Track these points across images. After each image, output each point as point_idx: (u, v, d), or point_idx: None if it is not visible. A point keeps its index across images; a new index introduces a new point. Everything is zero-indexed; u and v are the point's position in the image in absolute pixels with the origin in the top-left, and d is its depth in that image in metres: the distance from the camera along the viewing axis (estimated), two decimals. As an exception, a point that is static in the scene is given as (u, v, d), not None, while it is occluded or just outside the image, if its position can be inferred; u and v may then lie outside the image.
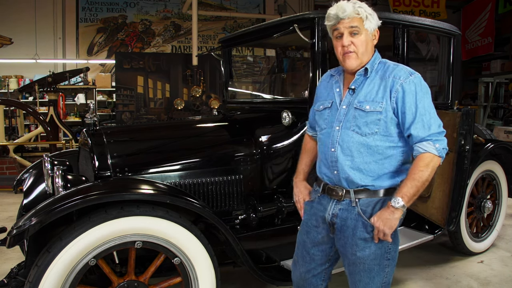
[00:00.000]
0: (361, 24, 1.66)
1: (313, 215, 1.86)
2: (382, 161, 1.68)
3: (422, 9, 10.49)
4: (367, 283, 1.74)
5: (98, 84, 9.62)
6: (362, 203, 1.70)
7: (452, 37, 3.24)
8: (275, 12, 10.72)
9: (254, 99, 3.62)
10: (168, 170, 2.39)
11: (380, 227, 1.63)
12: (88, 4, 9.98)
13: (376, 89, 1.68)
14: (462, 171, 2.38)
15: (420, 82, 1.67)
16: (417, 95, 1.64)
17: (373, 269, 1.72)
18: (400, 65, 1.73)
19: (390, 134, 1.67)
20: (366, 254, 1.71)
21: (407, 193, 1.60)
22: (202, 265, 2.06)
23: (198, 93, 7.72)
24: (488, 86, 9.49)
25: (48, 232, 1.97)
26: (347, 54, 1.68)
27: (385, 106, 1.65)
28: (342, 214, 1.73)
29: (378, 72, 1.72)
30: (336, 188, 1.74)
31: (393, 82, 1.66)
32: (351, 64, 1.69)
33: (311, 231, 1.87)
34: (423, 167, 1.60)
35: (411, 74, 1.67)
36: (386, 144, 1.67)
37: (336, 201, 1.75)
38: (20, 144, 7.10)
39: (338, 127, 1.72)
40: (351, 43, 1.66)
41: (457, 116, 2.34)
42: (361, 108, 1.67)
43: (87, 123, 2.43)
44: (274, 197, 2.57)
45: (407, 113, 1.63)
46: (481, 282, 3.06)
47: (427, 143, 1.62)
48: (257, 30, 2.99)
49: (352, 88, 1.73)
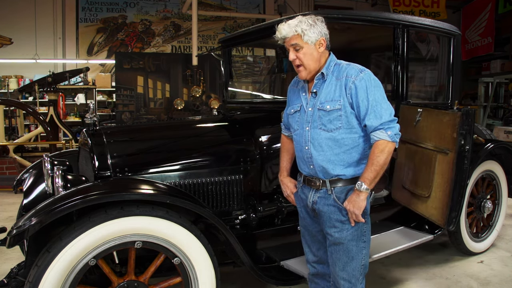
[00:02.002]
0: (299, 40, 1.88)
1: (301, 203, 2.13)
2: (349, 151, 1.91)
3: (422, 9, 10.48)
4: (346, 262, 1.98)
5: (98, 84, 9.61)
6: (336, 190, 1.95)
7: (452, 37, 3.24)
8: (275, 12, 10.72)
9: (254, 99, 3.63)
10: (168, 170, 2.39)
11: (350, 209, 1.89)
12: (88, 4, 9.97)
13: (333, 89, 1.91)
14: (462, 171, 2.38)
15: (370, 77, 1.88)
16: (368, 90, 1.86)
17: (351, 249, 1.96)
18: (352, 64, 1.95)
19: (353, 126, 1.90)
20: (344, 235, 1.95)
21: (368, 177, 1.85)
22: (202, 265, 2.06)
23: (198, 93, 7.72)
24: (488, 86, 9.49)
25: (48, 232, 1.97)
26: (296, 68, 1.94)
27: (343, 103, 1.87)
28: (320, 201, 1.99)
29: (334, 74, 1.94)
30: (313, 179, 1.99)
31: (346, 81, 1.88)
32: (301, 75, 1.95)
33: (305, 218, 2.14)
34: (378, 153, 1.84)
35: (361, 72, 1.89)
36: (350, 136, 1.90)
37: (315, 190, 2.00)
38: (20, 144, 7.09)
39: (308, 127, 1.96)
40: (296, 58, 1.91)
41: (457, 116, 2.34)
42: (323, 109, 1.91)
43: (87, 123, 2.42)
44: (274, 197, 2.57)
45: (361, 107, 1.86)
46: (481, 282, 3.06)
47: (380, 132, 1.85)
48: (257, 30, 2.99)
49: (314, 91, 1.96)
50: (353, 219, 1.92)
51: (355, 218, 1.91)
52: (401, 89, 2.88)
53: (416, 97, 3.53)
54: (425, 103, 3.34)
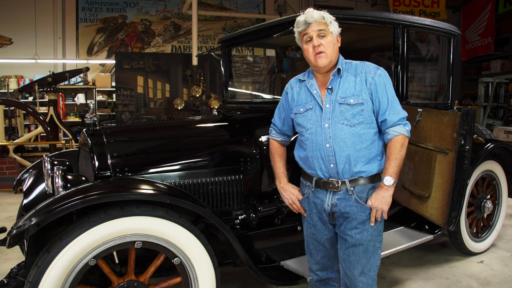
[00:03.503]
0: (327, 28, 1.89)
1: (313, 209, 2.04)
2: (369, 147, 1.91)
3: (422, 9, 10.49)
4: (365, 263, 1.97)
5: (98, 84, 9.62)
6: (357, 190, 1.92)
7: (452, 37, 3.24)
8: (275, 12, 10.73)
9: (254, 99, 3.62)
10: (168, 170, 2.38)
11: (379, 206, 1.88)
12: (88, 4, 9.98)
13: (353, 85, 1.91)
14: (462, 171, 2.38)
15: (386, 75, 1.94)
16: (386, 86, 1.91)
17: (369, 250, 1.96)
18: (366, 62, 1.98)
19: (372, 121, 1.92)
20: (364, 235, 1.94)
21: (394, 171, 1.88)
22: (202, 265, 2.06)
23: (198, 93, 7.72)
24: (488, 86, 9.48)
25: (48, 232, 1.97)
26: (318, 55, 1.88)
27: (365, 97, 1.89)
28: (340, 203, 1.94)
29: (348, 71, 1.95)
30: (331, 180, 1.93)
31: (366, 76, 1.91)
32: (322, 62, 1.89)
33: (317, 224, 2.06)
34: (400, 147, 1.89)
35: (378, 69, 1.94)
36: (370, 131, 1.91)
37: (333, 192, 1.95)
38: (20, 144, 7.10)
39: (328, 124, 1.90)
40: (321, 44, 1.88)
41: (457, 116, 2.34)
42: (346, 103, 1.89)
43: (87, 123, 2.42)
44: (274, 197, 2.57)
45: (381, 102, 1.90)
46: (481, 282, 3.06)
47: (399, 127, 1.91)
48: (257, 30, 2.99)
49: (329, 87, 1.93)
50: (376, 217, 1.91)
51: (379, 216, 1.90)
52: (401, 89, 2.88)
53: (416, 97, 3.53)
54: (425, 103, 3.34)
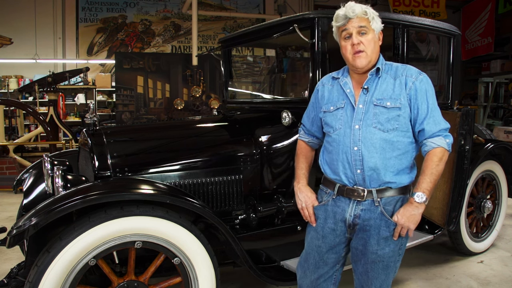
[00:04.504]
0: (368, 24, 1.70)
1: (330, 218, 1.84)
2: (401, 157, 1.73)
3: (422, 9, 10.49)
4: (384, 280, 1.80)
5: (98, 84, 9.62)
6: (384, 202, 1.73)
7: (452, 37, 3.24)
8: (275, 12, 10.72)
9: (254, 99, 3.62)
10: (168, 170, 2.38)
11: (405, 223, 1.69)
12: (88, 4, 9.97)
13: (391, 87, 1.73)
14: (462, 171, 2.38)
15: (428, 81, 1.76)
16: (427, 93, 1.73)
17: (389, 266, 1.79)
18: (409, 65, 1.81)
19: (408, 129, 1.73)
20: (386, 252, 1.76)
21: (427, 187, 1.68)
22: (202, 265, 2.06)
23: (198, 93, 7.72)
24: (488, 86, 9.48)
25: (48, 232, 1.97)
26: (357, 54, 1.71)
27: (403, 103, 1.71)
28: (364, 214, 1.75)
29: (387, 72, 1.77)
30: (356, 188, 1.75)
31: (407, 80, 1.73)
32: (361, 62, 1.72)
33: (328, 236, 1.85)
34: (438, 161, 1.69)
35: (420, 74, 1.76)
36: (405, 140, 1.73)
37: (357, 202, 1.76)
38: (20, 144, 7.09)
39: (358, 125, 1.73)
40: (361, 42, 1.70)
41: (457, 116, 2.34)
42: (382, 105, 1.71)
43: (87, 123, 2.42)
44: (274, 197, 2.57)
45: (420, 109, 1.72)
46: (481, 282, 3.06)
47: (438, 139, 1.71)
48: (257, 30, 2.98)
49: (365, 87, 1.75)
50: (400, 233, 1.72)
51: (404, 233, 1.71)
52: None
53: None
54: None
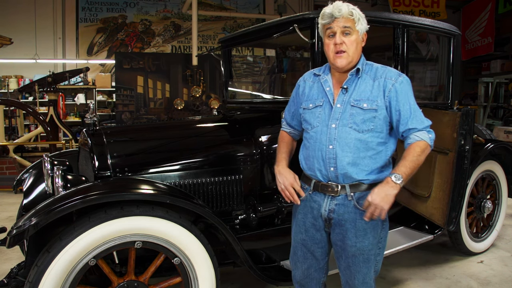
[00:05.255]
0: (353, 25, 1.72)
1: (309, 213, 1.89)
2: (374, 156, 1.77)
3: (422, 9, 10.49)
4: (366, 273, 1.84)
5: (98, 84, 9.61)
6: (357, 196, 1.78)
7: (452, 37, 3.24)
8: (275, 12, 10.72)
9: (254, 99, 3.62)
10: (168, 170, 2.38)
11: (379, 203, 1.64)
12: (88, 4, 9.97)
13: (369, 89, 1.77)
14: (462, 171, 2.38)
15: (408, 82, 1.80)
16: (408, 94, 1.77)
17: (370, 259, 1.82)
18: (388, 67, 1.84)
19: (382, 130, 1.77)
20: (365, 244, 1.79)
21: (406, 172, 1.68)
22: (202, 265, 2.06)
23: (198, 93, 7.73)
24: (488, 86, 9.48)
25: (48, 232, 1.97)
26: (338, 54, 1.74)
27: (380, 104, 1.74)
28: (339, 209, 1.79)
29: (367, 73, 1.81)
30: (330, 184, 1.79)
31: (386, 82, 1.76)
32: (341, 62, 1.75)
33: (309, 229, 1.91)
34: (420, 152, 1.71)
35: (400, 75, 1.79)
36: (378, 140, 1.77)
37: (331, 197, 1.81)
38: (20, 144, 7.09)
39: (335, 124, 1.77)
40: (343, 42, 1.72)
41: (457, 116, 2.34)
42: (359, 106, 1.74)
43: (87, 123, 2.43)
44: (274, 197, 2.57)
45: (402, 110, 1.74)
46: (481, 282, 3.06)
47: (422, 133, 1.75)
48: (257, 30, 2.98)
49: (344, 87, 1.79)
50: (373, 214, 1.65)
51: (377, 213, 1.65)
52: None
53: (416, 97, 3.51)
54: (425, 103, 3.34)
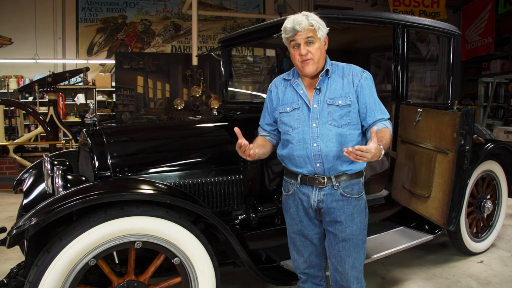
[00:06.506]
0: (315, 34, 1.86)
1: (300, 205, 2.03)
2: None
3: (422, 9, 10.48)
4: (355, 257, 1.98)
5: (98, 84, 9.61)
6: (343, 186, 1.95)
7: (452, 37, 3.24)
8: (275, 12, 10.73)
9: (254, 99, 3.62)
10: (168, 170, 2.39)
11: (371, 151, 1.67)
12: (88, 4, 9.97)
13: (341, 86, 1.93)
14: (462, 171, 2.38)
15: (371, 77, 1.99)
16: (371, 88, 1.96)
17: (359, 244, 1.98)
18: (352, 65, 2.01)
19: (357, 122, 1.95)
20: (354, 229, 1.96)
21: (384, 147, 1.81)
22: (202, 265, 2.07)
23: (198, 93, 7.73)
24: (488, 86, 9.48)
25: (48, 232, 1.97)
26: (305, 62, 1.88)
27: (352, 99, 1.92)
28: (327, 198, 1.95)
29: (335, 72, 1.96)
30: (317, 177, 1.94)
31: (353, 79, 1.94)
32: (309, 69, 1.90)
33: (303, 220, 2.05)
34: (389, 137, 1.91)
35: (364, 72, 1.97)
36: (355, 132, 1.94)
37: (318, 188, 1.96)
38: (20, 144, 7.09)
39: (315, 123, 1.91)
40: (308, 52, 1.86)
41: (457, 116, 2.34)
42: (335, 104, 1.90)
43: (87, 123, 2.43)
44: (274, 197, 2.57)
45: (368, 103, 1.94)
46: (481, 282, 3.06)
47: (387, 122, 1.97)
48: (257, 30, 2.98)
49: (318, 88, 1.93)
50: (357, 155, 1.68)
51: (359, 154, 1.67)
52: (401, 89, 2.88)
53: (416, 97, 3.53)
54: (425, 103, 3.34)
